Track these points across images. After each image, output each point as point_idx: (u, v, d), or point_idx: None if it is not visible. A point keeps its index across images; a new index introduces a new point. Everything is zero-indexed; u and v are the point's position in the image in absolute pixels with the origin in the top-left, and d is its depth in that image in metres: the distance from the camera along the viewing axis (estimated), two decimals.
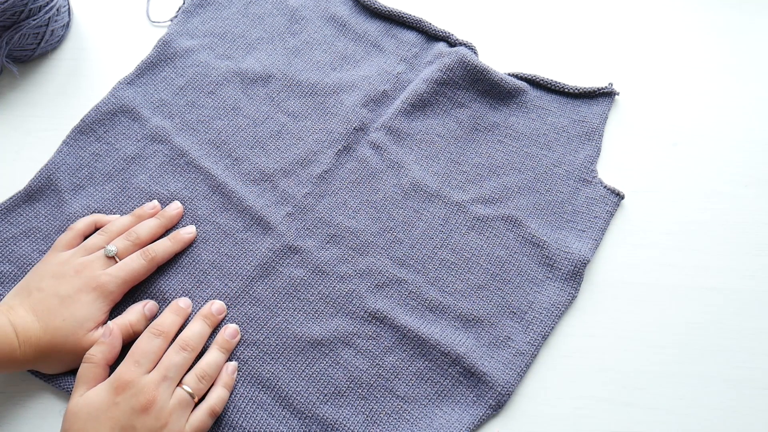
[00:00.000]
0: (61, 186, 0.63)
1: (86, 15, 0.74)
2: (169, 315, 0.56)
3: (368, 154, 0.66)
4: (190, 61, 0.70)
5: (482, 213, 0.64)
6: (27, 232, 0.62)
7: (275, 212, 0.63)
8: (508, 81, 0.69)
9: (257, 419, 0.56)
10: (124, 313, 0.57)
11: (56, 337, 0.53)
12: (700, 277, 0.62)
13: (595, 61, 0.73)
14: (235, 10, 0.73)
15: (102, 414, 0.49)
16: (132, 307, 0.58)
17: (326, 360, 0.58)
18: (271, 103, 0.69)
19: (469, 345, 0.59)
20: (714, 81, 0.71)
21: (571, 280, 0.61)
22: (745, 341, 0.60)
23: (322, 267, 0.61)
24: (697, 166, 0.67)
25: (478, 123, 0.68)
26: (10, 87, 0.69)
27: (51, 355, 0.54)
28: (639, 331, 0.61)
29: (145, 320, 0.57)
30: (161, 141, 0.66)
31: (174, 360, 0.53)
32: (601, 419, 0.57)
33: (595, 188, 0.66)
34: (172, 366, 0.52)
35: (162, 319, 0.56)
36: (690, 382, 0.59)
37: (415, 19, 0.72)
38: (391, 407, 0.57)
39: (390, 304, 0.60)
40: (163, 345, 0.54)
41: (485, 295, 0.61)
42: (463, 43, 0.71)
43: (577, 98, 0.70)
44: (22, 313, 0.53)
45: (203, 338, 0.56)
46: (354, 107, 0.68)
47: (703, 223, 0.65)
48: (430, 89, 0.69)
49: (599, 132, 0.68)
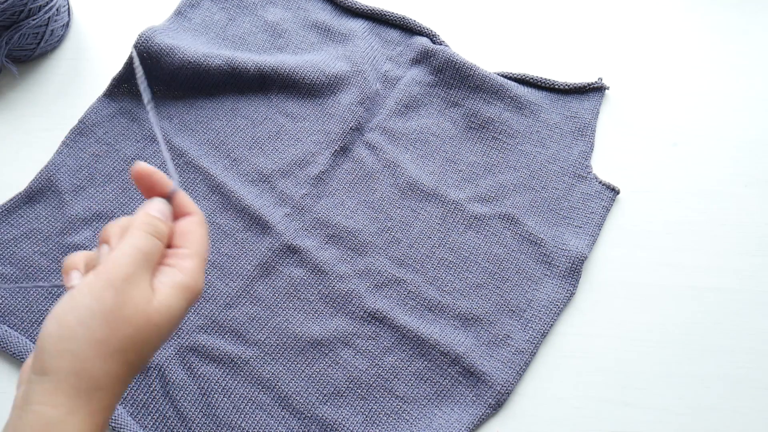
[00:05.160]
0: (62, 187, 0.63)
1: (86, 15, 0.74)
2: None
3: (364, 155, 0.66)
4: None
5: (479, 211, 0.64)
6: (28, 234, 0.62)
7: (274, 212, 0.63)
8: (498, 80, 0.69)
9: (256, 419, 0.56)
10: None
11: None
12: (700, 277, 0.62)
13: (596, 62, 0.72)
14: (213, 34, 0.71)
15: (178, 323, 0.38)
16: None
17: (326, 360, 0.58)
18: (269, 104, 0.68)
19: (468, 344, 0.59)
20: (714, 81, 0.71)
21: (569, 277, 0.62)
22: (745, 341, 0.60)
23: (322, 267, 0.61)
24: (696, 166, 0.67)
25: (472, 121, 0.68)
26: (10, 87, 0.69)
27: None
28: (638, 330, 0.60)
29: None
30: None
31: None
32: (601, 419, 0.58)
33: (590, 184, 0.66)
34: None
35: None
36: (690, 382, 0.59)
37: (398, 17, 0.72)
38: (390, 407, 0.57)
39: (389, 303, 0.60)
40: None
41: (484, 294, 0.61)
42: (441, 43, 0.71)
43: (567, 94, 0.70)
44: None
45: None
46: (350, 106, 0.68)
47: (703, 223, 0.65)
48: (423, 91, 0.69)
49: (591, 127, 0.68)
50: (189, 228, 0.40)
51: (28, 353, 0.57)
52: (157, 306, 0.36)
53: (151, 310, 0.35)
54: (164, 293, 0.36)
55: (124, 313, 0.35)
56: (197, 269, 0.38)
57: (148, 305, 0.35)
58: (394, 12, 0.72)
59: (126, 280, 0.35)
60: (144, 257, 0.36)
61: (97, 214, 0.63)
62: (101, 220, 0.63)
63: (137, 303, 0.35)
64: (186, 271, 0.38)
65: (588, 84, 0.69)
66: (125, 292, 0.35)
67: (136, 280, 0.36)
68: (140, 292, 0.35)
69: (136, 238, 0.37)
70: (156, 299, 0.36)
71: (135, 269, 0.36)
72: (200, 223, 0.40)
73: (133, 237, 0.37)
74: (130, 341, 0.35)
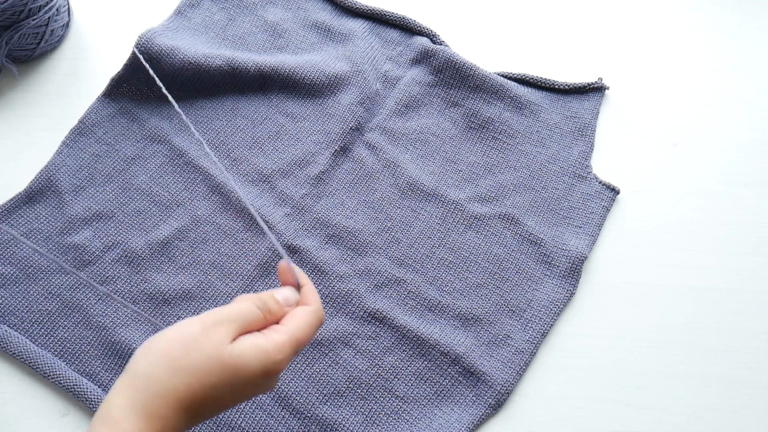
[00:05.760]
0: (62, 187, 0.63)
1: (86, 15, 0.74)
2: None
3: (364, 155, 0.66)
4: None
5: (479, 211, 0.64)
6: (28, 234, 0.62)
7: (274, 212, 0.63)
8: (498, 80, 0.69)
9: (256, 419, 0.56)
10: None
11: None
12: (700, 277, 0.62)
13: (596, 62, 0.72)
14: (213, 34, 0.71)
15: (246, 387, 0.41)
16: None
17: (326, 360, 0.58)
18: (269, 104, 0.68)
19: (468, 344, 0.59)
20: (714, 81, 0.71)
21: (569, 277, 0.62)
22: (745, 341, 0.60)
23: (322, 267, 0.62)
24: (696, 166, 0.67)
25: (472, 121, 0.68)
26: (10, 87, 0.69)
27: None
28: (638, 331, 0.61)
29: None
30: (160, 141, 0.66)
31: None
32: (600, 419, 0.58)
33: (590, 184, 0.66)
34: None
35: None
36: (689, 382, 0.59)
37: (398, 17, 0.72)
38: (390, 407, 0.57)
39: (389, 303, 0.60)
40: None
41: (484, 294, 0.61)
42: (441, 43, 0.71)
43: (567, 94, 0.70)
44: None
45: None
46: (350, 106, 0.68)
47: (703, 223, 0.65)
48: (423, 91, 0.69)
49: (591, 127, 0.68)
50: (297, 313, 0.44)
51: (28, 353, 0.57)
52: (230, 351, 0.40)
53: (223, 351, 0.40)
54: (241, 345, 0.40)
55: (199, 343, 0.40)
56: (283, 343, 0.41)
57: (221, 346, 0.40)
58: (394, 12, 0.72)
59: (214, 323, 0.40)
60: (239, 315, 0.41)
61: (97, 214, 0.63)
62: (101, 220, 0.63)
63: (214, 340, 0.40)
64: (270, 339, 0.41)
65: (588, 84, 0.69)
66: (208, 329, 0.40)
67: (222, 328, 0.40)
68: (220, 336, 0.40)
69: (241, 302, 0.43)
70: (232, 346, 0.40)
71: (226, 319, 0.41)
72: (310, 312, 0.44)
73: (239, 301, 0.43)
74: (196, 367, 0.39)
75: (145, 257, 0.61)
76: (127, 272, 0.61)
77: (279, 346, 0.41)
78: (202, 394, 0.39)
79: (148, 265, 0.61)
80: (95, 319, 0.59)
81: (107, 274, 0.61)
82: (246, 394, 0.41)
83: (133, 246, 0.62)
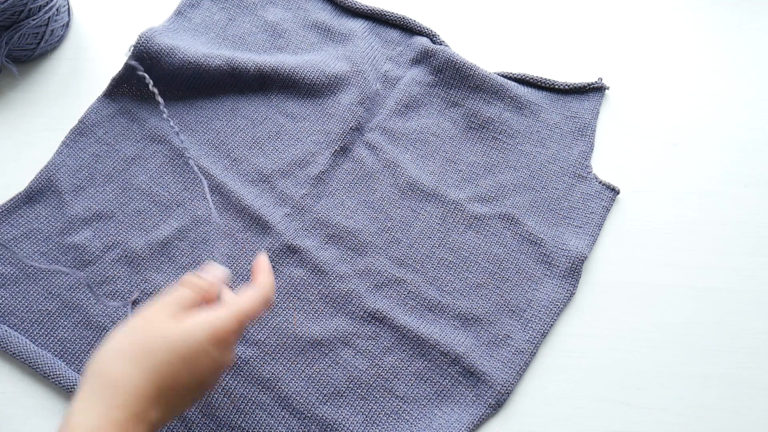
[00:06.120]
0: (62, 187, 0.63)
1: (86, 15, 0.74)
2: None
3: (364, 155, 0.66)
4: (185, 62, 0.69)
5: (479, 211, 0.64)
6: (28, 234, 0.62)
7: (274, 212, 0.63)
8: (498, 80, 0.69)
9: (256, 419, 0.56)
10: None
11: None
12: (700, 277, 0.62)
13: (596, 62, 0.72)
14: (213, 35, 0.71)
15: (199, 357, 0.43)
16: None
17: (326, 360, 0.58)
18: (269, 104, 0.68)
19: (468, 344, 0.59)
20: (714, 81, 0.71)
21: (569, 277, 0.62)
22: (745, 341, 0.60)
23: (322, 267, 0.62)
24: (696, 166, 0.67)
25: (472, 121, 0.68)
26: (10, 87, 0.69)
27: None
28: (638, 330, 0.61)
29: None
30: (160, 141, 0.66)
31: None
32: (600, 419, 0.58)
33: (590, 184, 0.66)
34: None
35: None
36: (689, 382, 0.59)
37: (398, 17, 0.72)
38: (390, 407, 0.57)
39: (389, 303, 0.60)
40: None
41: (484, 294, 0.61)
42: (441, 43, 0.71)
43: (567, 94, 0.70)
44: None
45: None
46: (350, 106, 0.68)
47: (703, 223, 0.65)
48: (423, 91, 0.69)
49: (591, 127, 0.68)
50: (242, 290, 0.48)
51: (28, 353, 0.57)
52: (174, 327, 0.43)
53: (166, 329, 0.43)
54: (183, 320, 0.44)
55: (144, 331, 0.43)
56: (225, 312, 0.45)
57: (164, 324, 0.43)
58: (394, 12, 0.72)
59: (154, 312, 0.44)
60: (171, 298, 0.45)
61: (97, 214, 0.63)
62: (101, 220, 0.63)
63: (156, 323, 0.43)
64: (212, 310, 0.45)
65: (588, 84, 0.69)
66: (149, 317, 0.44)
67: (162, 313, 0.44)
68: (161, 317, 0.44)
69: (173, 290, 0.46)
70: (176, 324, 0.43)
71: (159, 304, 0.45)
72: (254, 287, 0.48)
73: (172, 290, 0.46)
74: (144, 348, 0.42)
75: (145, 257, 0.61)
76: (127, 272, 0.61)
77: (220, 313, 0.45)
78: (158, 373, 0.42)
79: (148, 265, 0.61)
80: (95, 319, 0.59)
81: (107, 274, 0.61)
82: (204, 366, 0.43)
83: (133, 246, 0.62)
